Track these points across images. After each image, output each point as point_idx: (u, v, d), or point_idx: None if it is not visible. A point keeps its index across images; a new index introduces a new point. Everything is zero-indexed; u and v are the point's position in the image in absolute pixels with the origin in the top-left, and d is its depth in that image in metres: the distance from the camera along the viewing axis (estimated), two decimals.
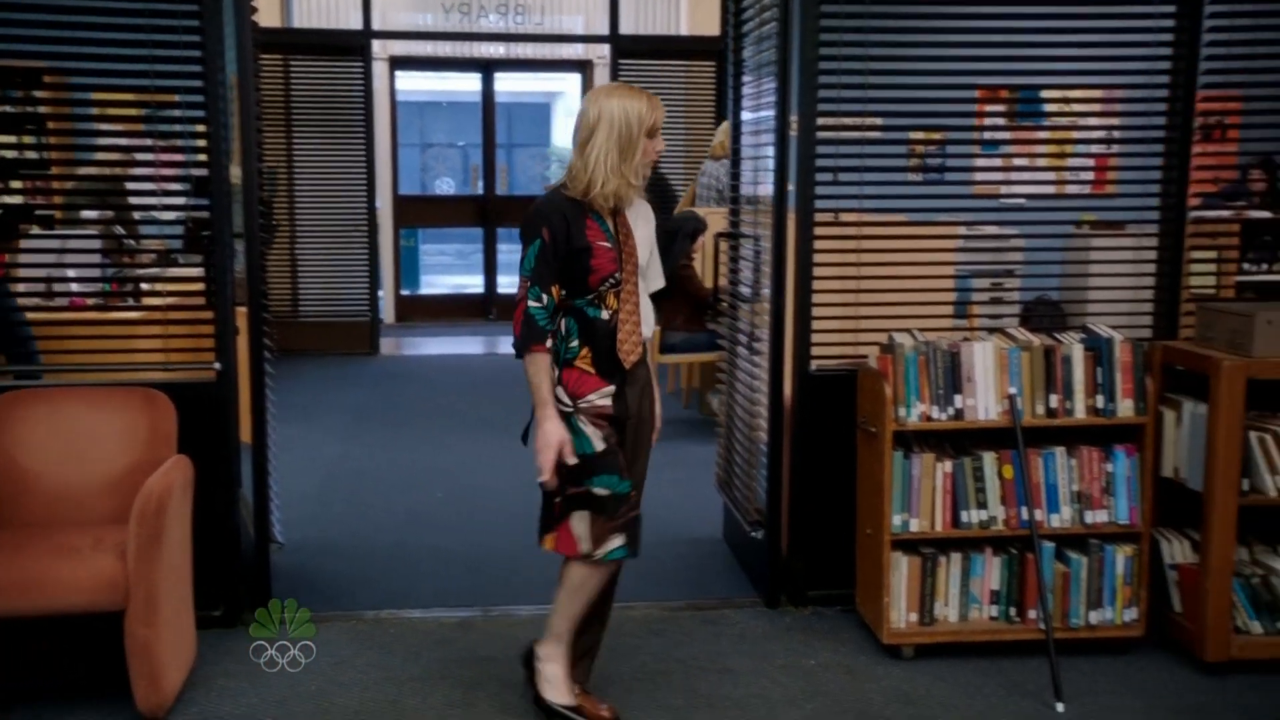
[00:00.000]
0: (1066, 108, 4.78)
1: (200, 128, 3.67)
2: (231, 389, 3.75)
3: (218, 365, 3.72)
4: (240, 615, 3.83)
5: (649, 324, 3.10)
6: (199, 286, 3.87)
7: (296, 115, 9.13)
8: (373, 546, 4.69)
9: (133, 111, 4.01)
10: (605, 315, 2.99)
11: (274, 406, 4.15)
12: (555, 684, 3.17)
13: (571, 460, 2.99)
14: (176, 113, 3.74)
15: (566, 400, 3.01)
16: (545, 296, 2.94)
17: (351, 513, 5.17)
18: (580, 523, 3.05)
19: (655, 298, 3.21)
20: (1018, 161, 4.52)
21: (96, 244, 4.77)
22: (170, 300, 3.96)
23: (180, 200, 4.20)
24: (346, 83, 9.16)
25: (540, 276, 2.94)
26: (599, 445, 3.00)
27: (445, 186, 15.55)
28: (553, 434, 2.99)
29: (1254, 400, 3.48)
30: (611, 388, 3.01)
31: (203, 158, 3.69)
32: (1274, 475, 3.47)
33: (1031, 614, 3.59)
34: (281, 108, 9.08)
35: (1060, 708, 3.26)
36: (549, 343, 2.96)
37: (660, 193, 8.72)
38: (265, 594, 3.86)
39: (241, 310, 3.86)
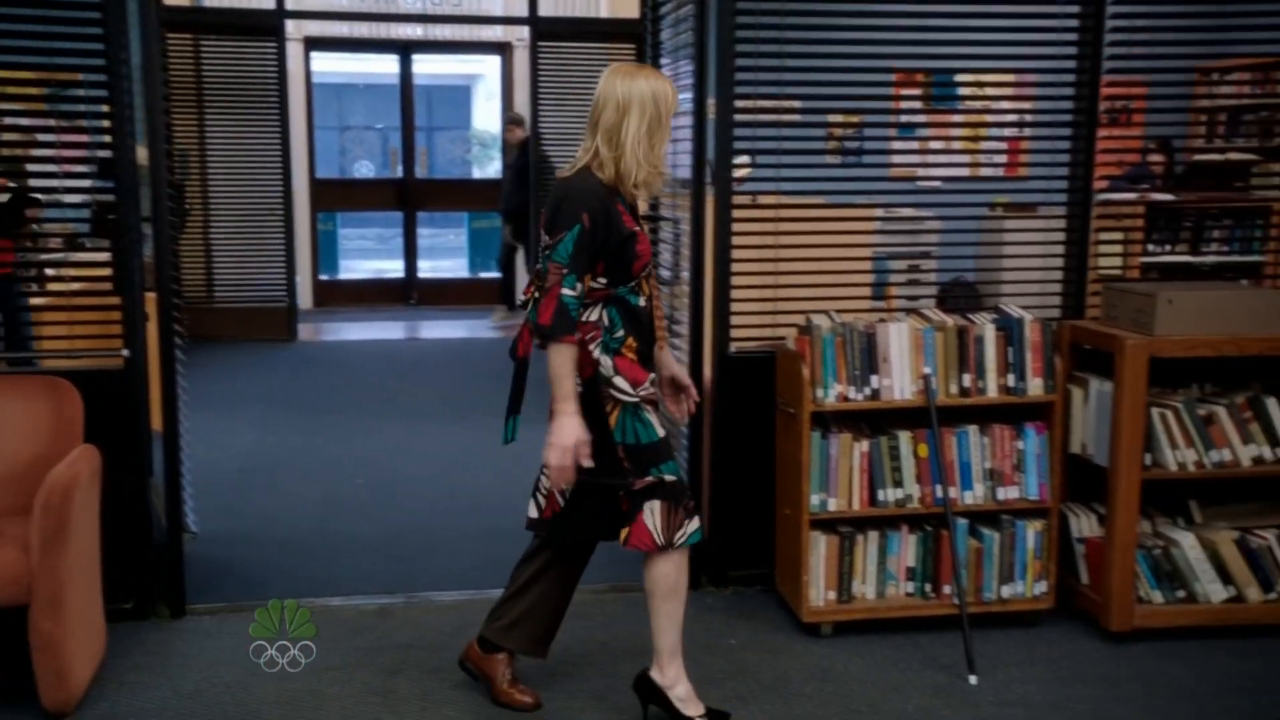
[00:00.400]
0: (980, 92, 4.86)
1: (104, 108, 3.57)
2: (141, 376, 3.66)
3: (126, 352, 3.63)
4: (153, 607, 3.76)
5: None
6: (106, 272, 3.77)
7: (208, 97, 8.92)
8: (290, 535, 4.62)
9: (34, 91, 3.89)
10: (643, 303, 2.92)
11: (187, 394, 4.07)
12: (690, 700, 3.04)
13: (587, 463, 2.83)
14: (80, 92, 3.63)
15: (628, 390, 2.88)
16: (580, 286, 2.80)
17: (268, 501, 5.09)
18: (652, 514, 2.90)
19: None
20: (933, 145, 4.60)
21: None
22: (76, 286, 3.85)
23: (86, 183, 4.10)
24: (260, 64, 8.96)
25: (578, 265, 2.79)
26: (660, 432, 2.91)
27: (364, 170, 15.32)
28: (571, 433, 2.80)
29: (1156, 378, 3.59)
30: (653, 375, 2.98)
31: (107, 139, 3.58)
32: (1175, 450, 3.58)
33: (946, 590, 3.67)
34: (193, 89, 8.86)
35: (973, 680, 3.34)
36: (577, 335, 2.82)
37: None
38: (178, 585, 3.79)
39: (151, 296, 3.76)
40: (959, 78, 4.94)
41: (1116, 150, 4.38)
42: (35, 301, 4.18)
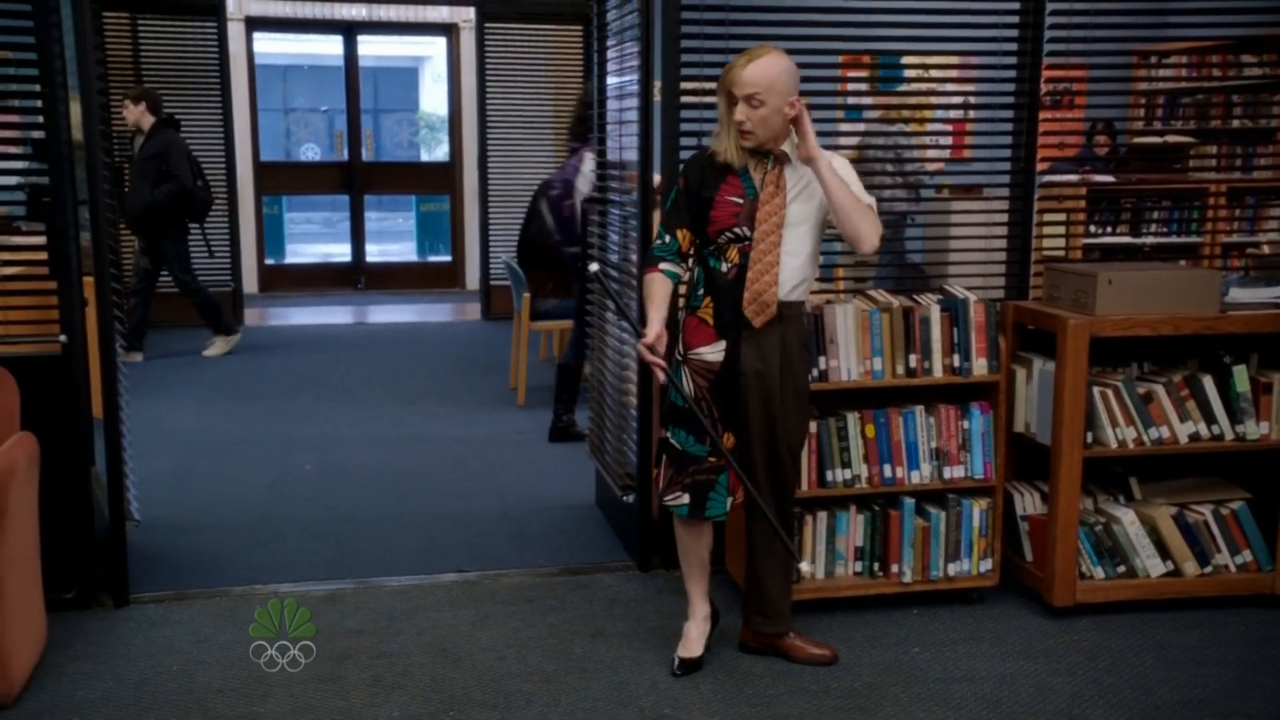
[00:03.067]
0: (925, 74, 4.90)
1: (35, 88, 3.48)
2: (79, 362, 3.59)
3: (63, 338, 3.56)
4: (96, 596, 3.70)
5: (791, 285, 3.16)
6: (42, 256, 3.69)
7: (147, 78, 8.74)
8: (236, 521, 4.57)
9: None
10: (725, 268, 3.12)
11: (128, 380, 4.00)
12: (683, 639, 3.35)
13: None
14: (10, 72, 3.54)
15: (680, 348, 3.20)
16: (668, 237, 3.17)
17: (214, 487, 5.02)
18: (661, 465, 3.27)
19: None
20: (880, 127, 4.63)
21: None
22: (12, 270, 3.76)
23: (19, 165, 4.00)
24: (200, 44, 8.81)
25: (668, 220, 3.19)
26: (682, 400, 3.15)
27: (310, 153, 15.14)
28: (642, 341, 3.08)
29: (1096, 357, 3.64)
30: (723, 344, 3.15)
31: (40, 120, 3.50)
32: (1115, 428, 3.64)
33: (893, 568, 3.71)
34: (130, 69, 8.69)
35: (804, 566, 3.47)
36: (664, 266, 3.15)
37: None
38: (121, 573, 3.72)
39: (89, 280, 3.69)
40: (905, 60, 4.98)
41: (1059, 133, 4.42)
42: None
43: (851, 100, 5.20)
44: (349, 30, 11.04)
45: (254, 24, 10.60)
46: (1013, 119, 4.07)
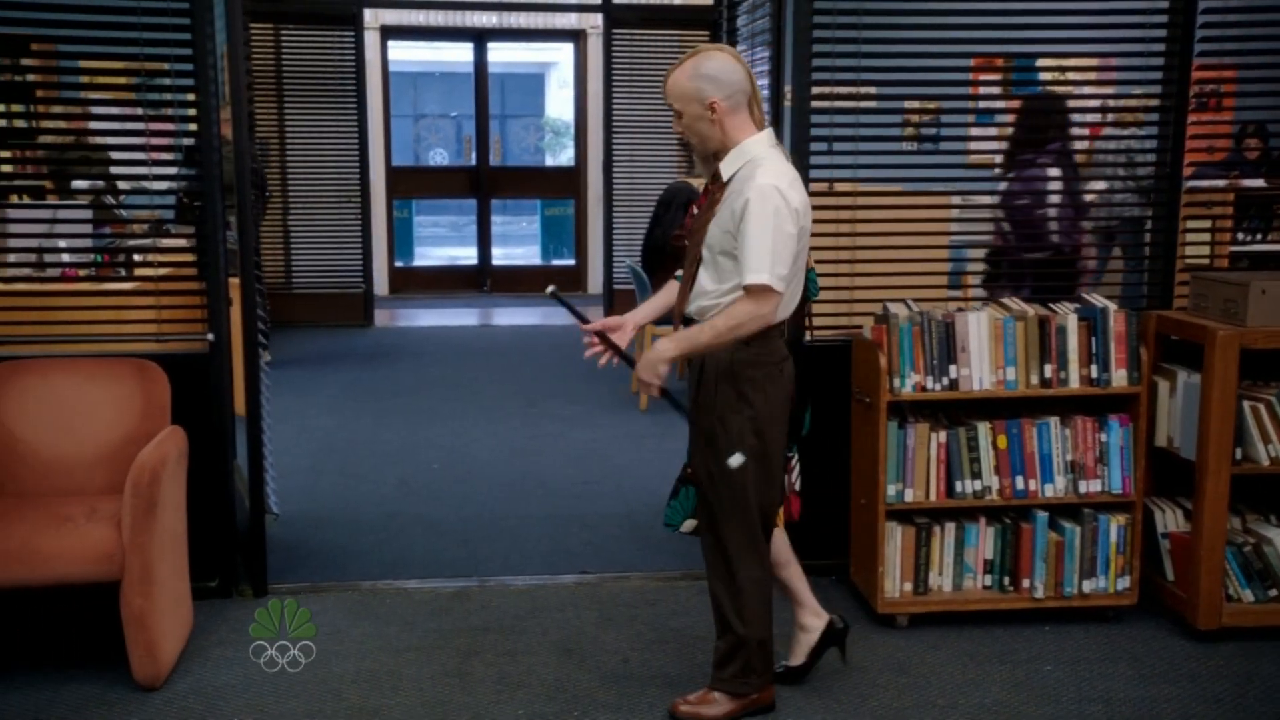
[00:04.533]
0: (1062, 77, 4.76)
1: (190, 97, 3.64)
2: (224, 360, 3.74)
3: (210, 336, 3.71)
4: (236, 586, 3.84)
5: (709, 305, 2.89)
6: (191, 257, 3.86)
7: (288, 86, 9.07)
8: (367, 517, 4.69)
9: (122, 81, 3.98)
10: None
11: (268, 378, 4.15)
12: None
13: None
14: (166, 82, 3.71)
15: None
16: None
17: (346, 484, 5.17)
18: None
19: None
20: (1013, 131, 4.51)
21: (88, 214, 4.75)
22: (162, 271, 3.94)
23: (171, 170, 4.18)
24: (338, 52, 9.09)
25: None
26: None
27: (439, 157, 15.46)
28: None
29: (1247, 370, 3.49)
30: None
31: (193, 127, 3.66)
32: (1267, 444, 3.48)
33: (1024, 583, 3.61)
34: (273, 78, 9.02)
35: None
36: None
37: None
38: (261, 565, 3.86)
39: (235, 281, 3.84)
40: (1040, 62, 4.85)
41: (1206, 136, 4.25)
42: (123, 286, 4.27)
43: (983, 104, 5.09)
44: (479, 37, 11.26)
45: (389, 33, 10.89)
46: (1158, 121, 3.93)
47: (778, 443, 2.94)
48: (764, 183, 2.72)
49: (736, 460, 2.77)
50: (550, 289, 3.23)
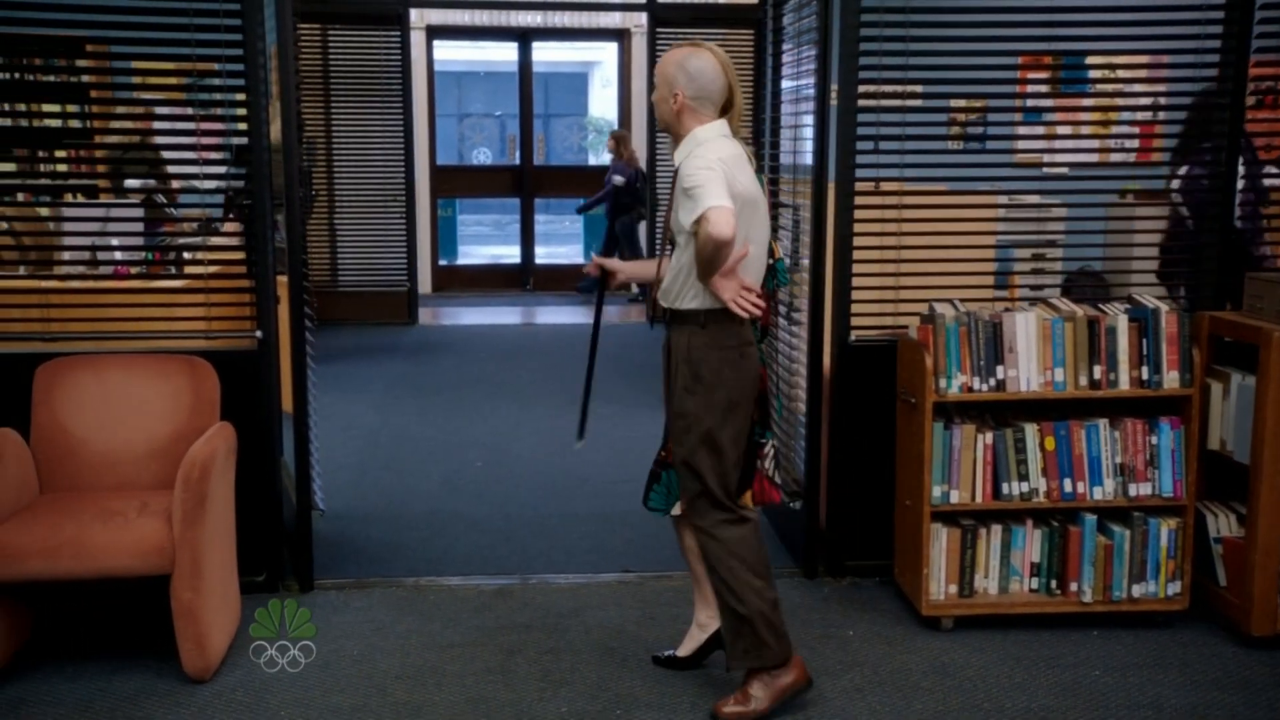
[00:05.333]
0: (1112, 74, 4.69)
1: (240, 96, 3.68)
2: (273, 357, 3.78)
3: (259, 333, 3.75)
4: (283, 580, 3.88)
5: (668, 288, 3.02)
6: (240, 255, 3.90)
7: (334, 85, 9.15)
8: (411, 514, 4.73)
9: (173, 81, 4.03)
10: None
11: (314, 375, 4.18)
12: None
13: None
14: (217, 82, 3.75)
15: None
16: None
17: (390, 480, 5.21)
18: None
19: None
20: (1060, 130, 4.45)
21: (140, 213, 4.82)
22: (212, 269, 3.99)
23: (220, 169, 4.23)
24: (384, 52, 9.17)
25: None
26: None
27: (482, 156, 15.55)
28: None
29: None
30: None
31: (243, 127, 3.70)
32: None
33: (1072, 587, 3.57)
34: (320, 78, 9.11)
35: (578, 445, 3.45)
36: None
37: None
38: (307, 559, 3.90)
39: (282, 279, 3.88)
40: (1089, 59, 4.78)
41: (1264, 134, 4.17)
42: (174, 284, 4.33)
43: (1030, 103, 5.03)
44: (523, 37, 11.31)
45: (434, 32, 10.97)
46: (1214, 119, 3.86)
47: (735, 427, 2.99)
48: (694, 157, 2.91)
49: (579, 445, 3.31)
50: (582, 283, 3.39)
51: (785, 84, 4.45)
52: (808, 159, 3.99)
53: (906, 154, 3.87)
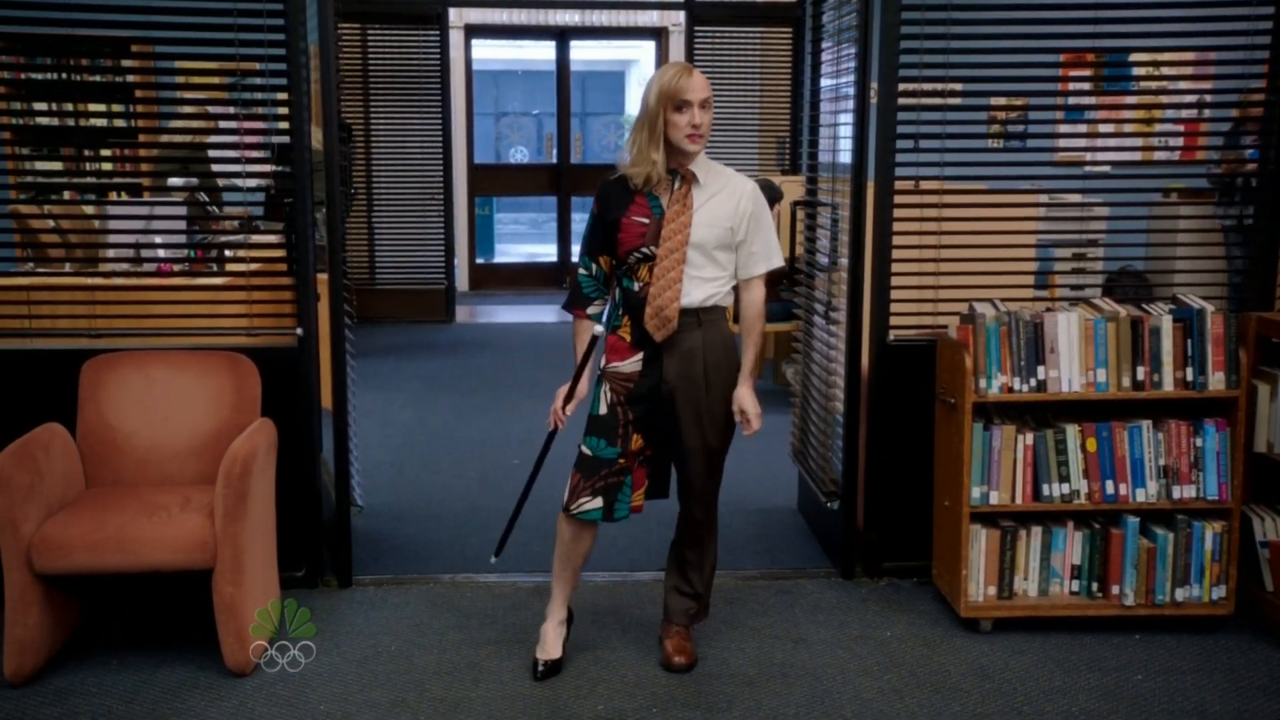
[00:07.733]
0: (1155, 72, 4.63)
1: (282, 96, 3.71)
2: (313, 354, 3.81)
3: (299, 331, 3.78)
4: (322, 576, 3.91)
5: (703, 297, 3.13)
6: (281, 253, 3.93)
7: (374, 84, 9.21)
8: (448, 511, 4.75)
9: (216, 80, 4.08)
10: (636, 286, 3.13)
11: (353, 372, 4.21)
12: (541, 643, 3.36)
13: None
14: (259, 81, 3.79)
15: (603, 363, 3.25)
16: (594, 266, 3.23)
17: (428, 478, 5.24)
18: (572, 476, 3.31)
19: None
20: (1103, 128, 4.40)
21: (183, 211, 4.87)
22: (253, 267, 4.03)
23: (266, 168, 4.27)
24: (423, 51, 9.21)
25: (588, 247, 3.23)
26: (602, 409, 3.23)
27: (520, 155, 15.59)
28: (559, 390, 3.35)
29: None
30: (639, 355, 3.18)
31: (284, 126, 3.73)
32: None
33: (1114, 590, 3.53)
34: (359, 77, 9.17)
35: (493, 560, 3.50)
36: (591, 309, 3.24)
37: None
38: (346, 556, 3.93)
39: (322, 277, 3.91)
40: (1132, 57, 4.72)
41: None
42: (216, 281, 4.38)
43: (1072, 100, 4.98)
44: (561, 35, 11.32)
45: (473, 31, 11.00)
46: (1261, 116, 3.80)
47: None
48: (750, 183, 3.17)
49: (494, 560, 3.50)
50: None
51: (824, 82, 4.43)
52: (846, 157, 3.97)
53: (946, 152, 3.84)
